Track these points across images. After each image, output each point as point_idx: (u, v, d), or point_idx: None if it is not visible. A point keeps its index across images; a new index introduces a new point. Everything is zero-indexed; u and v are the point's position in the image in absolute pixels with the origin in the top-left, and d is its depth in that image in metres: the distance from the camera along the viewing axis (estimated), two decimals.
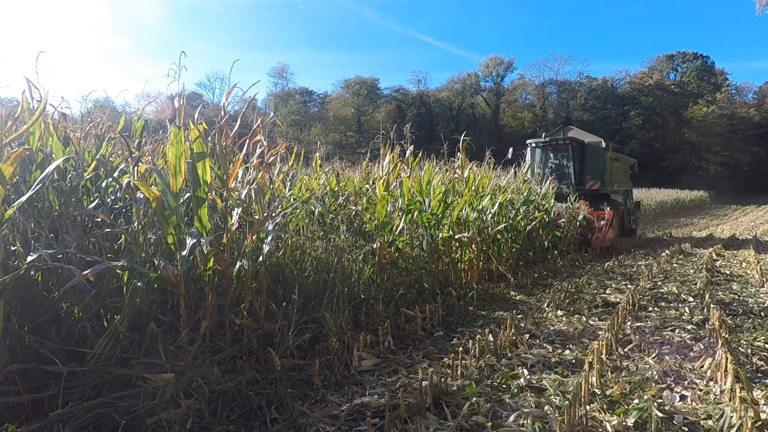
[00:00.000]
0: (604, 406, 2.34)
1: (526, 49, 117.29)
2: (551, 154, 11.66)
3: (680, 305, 4.63)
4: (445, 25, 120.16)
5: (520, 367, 2.86)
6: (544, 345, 3.36)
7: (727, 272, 6.82)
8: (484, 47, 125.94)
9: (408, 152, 5.07)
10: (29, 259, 2.03)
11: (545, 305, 4.52)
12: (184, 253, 2.55)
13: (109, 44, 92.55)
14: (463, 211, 5.52)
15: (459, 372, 2.73)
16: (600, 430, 2.12)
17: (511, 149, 10.40)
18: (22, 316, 2.25)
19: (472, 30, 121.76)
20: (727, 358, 2.63)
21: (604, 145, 11.84)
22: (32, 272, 2.27)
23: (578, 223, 8.86)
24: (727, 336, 3.16)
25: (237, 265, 2.86)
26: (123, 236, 2.91)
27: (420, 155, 5.69)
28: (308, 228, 4.08)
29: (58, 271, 2.34)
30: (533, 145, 11.91)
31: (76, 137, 3.38)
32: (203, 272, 2.72)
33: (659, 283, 5.93)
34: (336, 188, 5.38)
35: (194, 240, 2.54)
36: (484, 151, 7.03)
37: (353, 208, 4.58)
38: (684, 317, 4.14)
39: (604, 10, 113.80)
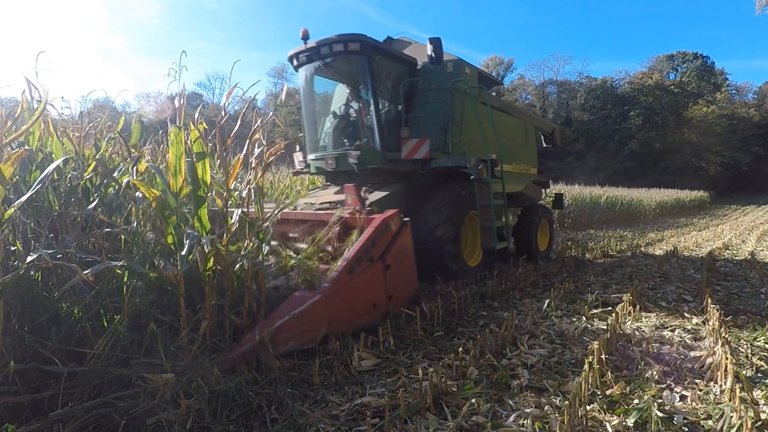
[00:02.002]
0: (604, 406, 2.34)
1: (527, 48, 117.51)
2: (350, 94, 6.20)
3: (680, 305, 4.63)
4: (445, 23, 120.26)
5: (520, 368, 2.86)
6: (545, 345, 3.36)
7: (728, 272, 6.81)
8: (485, 46, 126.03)
9: None
10: (29, 259, 2.04)
11: (545, 305, 4.52)
12: (183, 252, 2.55)
13: (107, 43, 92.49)
14: None
15: (459, 372, 2.73)
16: (600, 430, 2.12)
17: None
18: (22, 316, 2.25)
19: (472, 28, 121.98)
20: (727, 358, 2.63)
21: (469, 71, 6.45)
22: (32, 272, 2.27)
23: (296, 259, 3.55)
24: (727, 336, 3.16)
25: (236, 266, 2.87)
26: (122, 236, 2.91)
27: None
28: None
29: (58, 270, 2.34)
30: (296, 61, 5.97)
31: (76, 137, 3.39)
32: (203, 272, 2.72)
33: (659, 282, 5.92)
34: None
35: (194, 240, 2.54)
36: None
37: None
38: (684, 317, 4.13)
39: (605, 8, 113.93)
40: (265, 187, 4.95)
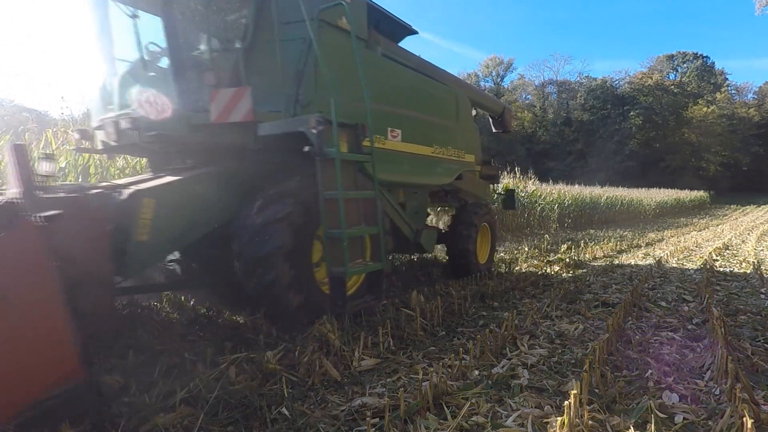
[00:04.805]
0: (604, 406, 2.34)
1: (527, 47, 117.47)
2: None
3: (680, 305, 4.63)
4: (445, 22, 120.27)
5: (520, 367, 2.86)
6: (545, 345, 3.36)
7: (728, 272, 6.81)
8: (485, 44, 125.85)
9: None
10: None
11: (546, 306, 4.52)
12: None
13: None
14: None
15: (459, 372, 2.73)
16: (600, 430, 2.12)
17: None
18: None
19: (472, 27, 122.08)
20: (727, 358, 2.63)
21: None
22: None
23: None
24: (727, 336, 3.16)
25: None
26: None
27: None
28: None
29: None
30: None
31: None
32: None
33: (659, 282, 5.92)
34: None
35: None
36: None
37: None
38: (684, 317, 4.13)
39: (605, 8, 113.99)
40: None
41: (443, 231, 6.38)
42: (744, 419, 1.95)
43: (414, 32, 5.49)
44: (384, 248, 3.90)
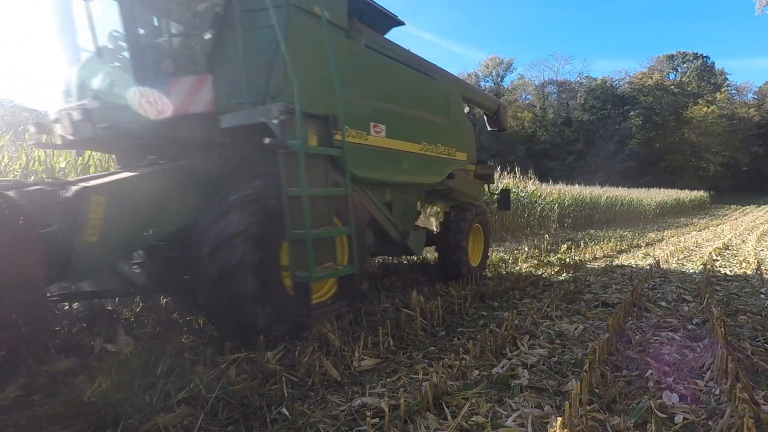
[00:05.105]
0: (604, 406, 2.34)
1: (527, 47, 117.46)
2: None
3: (680, 305, 4.63)
4: (445, 22, 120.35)
5: (520, 367, 2.86)
6: (545, 345, 3.36)
7: (728, 272, 6.81)
8: (485, 44, 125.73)
9: None
10: None
11: (546, 306, 4.52)
12: None
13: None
14: None
15: (459, 372, 2.73)
16: (600, 430, 2.12)
17: None
18: None
19: (472, 27, 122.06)
20: (727, 358, 2.63)
21: None
22: None
23: None
24: (727, 336, 3.16)
25: None
26: None
27: None
28: None
29: None
30: None
31: None
32: None
33: (659, 282, 5.92)
34: None
35: None
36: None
37: None
38: (684, 317, 4.13)
39: (605, 8, 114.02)
40: None
41: (435, 232, 6.16)
42: (744, 419, 1.95)
43: (401, 23, 5.17)
44: (357, 250, 3.59)
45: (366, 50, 4.45)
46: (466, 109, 6.71)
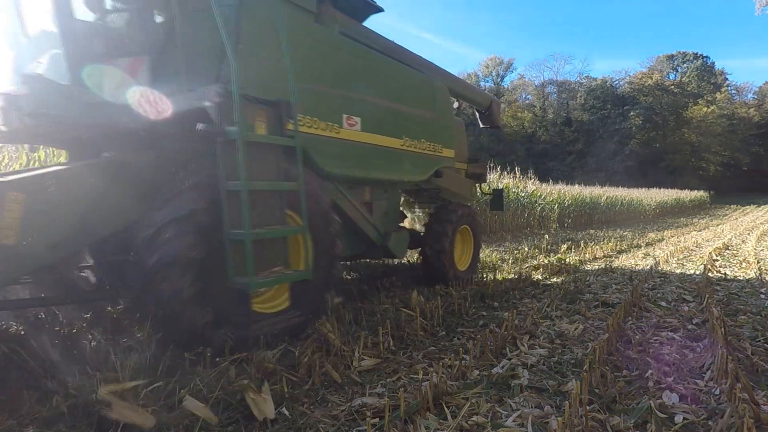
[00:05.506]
0: (604, 406, 2.34)
1: (527, 47, 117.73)
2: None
3: (680, 305, 4.63)
4: (445, 21, 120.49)
5: (520, 368, 2.86)
6: (545, 345, 3.36)
7: (728, 272, 6.81)
8: (485, 44, 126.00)
9: None
10: None
11: (546, 306, 4.52)
12: None
13: None
14: None
15: (459, 372, 2.73)
16: (600, 430, 2.12)
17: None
18: None
19: (472, 27, 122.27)
20: (727, 358, 2.63)
21: None
22: None
23: None
24: (727, 336, 3.16)
25: None
26: None
27: None
28: None
29: None
30: None
31: None
32: None
33: (659, 282, 5.93)
34: None
35: None
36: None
37: None
38: (684, 317, 4.14)
39: (605, 8, 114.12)
40: None
41: (421, 234, 5.73)
42: (744, 419, 1.95)
43: (380, 10, 4.81)
44: (309, 253, 3.29)
45: (340, 37, 4.12)
46: (456, 104, 6.45)
